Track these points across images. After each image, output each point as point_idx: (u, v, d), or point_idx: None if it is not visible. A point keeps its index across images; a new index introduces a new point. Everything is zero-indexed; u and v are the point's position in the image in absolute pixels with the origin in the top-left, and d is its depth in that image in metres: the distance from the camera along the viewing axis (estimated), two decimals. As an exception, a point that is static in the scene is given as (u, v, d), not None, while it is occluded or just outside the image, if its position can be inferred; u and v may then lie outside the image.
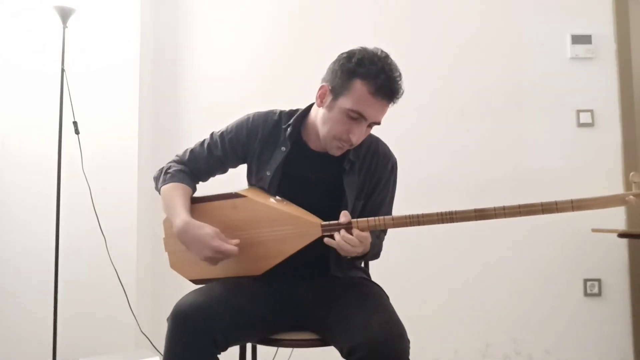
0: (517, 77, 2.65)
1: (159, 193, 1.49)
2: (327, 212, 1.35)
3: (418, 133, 2.61)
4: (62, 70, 2.32)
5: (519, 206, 1.25)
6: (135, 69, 2.52)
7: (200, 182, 1.56)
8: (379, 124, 1.38)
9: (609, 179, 2.59)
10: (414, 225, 1.30)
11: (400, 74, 1.34)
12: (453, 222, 1.28)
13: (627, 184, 2.59)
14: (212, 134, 1.54)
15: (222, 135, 1.52)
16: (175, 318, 1.24)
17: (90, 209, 2.34)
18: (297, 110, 1.51)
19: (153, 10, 2.70)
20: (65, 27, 2.31)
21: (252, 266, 1.38)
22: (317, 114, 1.43)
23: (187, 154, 1.54)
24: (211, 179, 1.58)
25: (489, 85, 2.65)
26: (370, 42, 1.39)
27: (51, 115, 2.37)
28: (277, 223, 1.34)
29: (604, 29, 2.65)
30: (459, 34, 2.68)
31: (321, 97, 1.39)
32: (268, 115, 1.51)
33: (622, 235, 2.43)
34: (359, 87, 1.31)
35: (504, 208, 1.25)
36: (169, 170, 1.49)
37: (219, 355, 1.27)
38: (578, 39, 2.63)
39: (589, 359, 2.52)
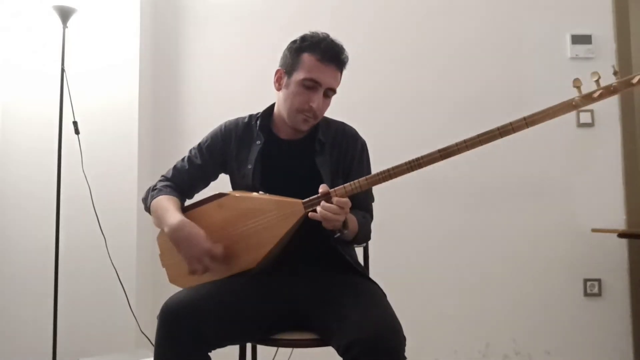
0: (517, 77, 2.65)
1: (150, 212, 1.54)
2: (310, 196, 1.37)
3: (416, 133, 2.61)
4: (62, 70, 2.32)
5: (478, 135, 1.31)
6: (135, 69, 2.52)
7: (187, 200, 1.60)
8: (334, 92, 1.49)
9: (609, 179, 2.59)
10: (387, 180, 1.34)
11: (342, 45, 1.47)
12: (421, 167, 1.33)
13: (628, 184, 2.59)
14: (190, 150, 1.63)
15: (199, 146, 1.62)
16: (163, 314, 1.28)
17: (90, 208, 2.34)
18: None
19: (153, 11, 2.70)
20: (65, 27, 2.31)
21: (246, 259, 1.40)
22: (279, 100, 1.54)
23: (171, 171, 1.62)
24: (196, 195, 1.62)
25: (488, 85, 2.65)
26: (371, 43, 1.41)
27: (51, 115, 2.37)
28: (262, 212, 1.39)
29: (604, 29, 2.65)
30: (458, 34, 2.68)
31: (278, 81, 1.52)
32: (238, 120, 1.63)
33: (622, 235, 2.43)
34: (307, 58, 1.45)
35: (465, 141, 1.31)
36: (156, 187, 1.57)
37: (219, 355, 1.27)
38: (578, 39, 2.63)
39: (589, 359, 2.52)
